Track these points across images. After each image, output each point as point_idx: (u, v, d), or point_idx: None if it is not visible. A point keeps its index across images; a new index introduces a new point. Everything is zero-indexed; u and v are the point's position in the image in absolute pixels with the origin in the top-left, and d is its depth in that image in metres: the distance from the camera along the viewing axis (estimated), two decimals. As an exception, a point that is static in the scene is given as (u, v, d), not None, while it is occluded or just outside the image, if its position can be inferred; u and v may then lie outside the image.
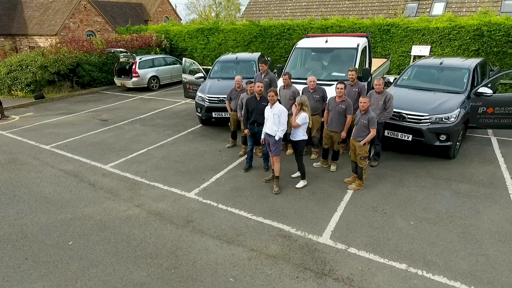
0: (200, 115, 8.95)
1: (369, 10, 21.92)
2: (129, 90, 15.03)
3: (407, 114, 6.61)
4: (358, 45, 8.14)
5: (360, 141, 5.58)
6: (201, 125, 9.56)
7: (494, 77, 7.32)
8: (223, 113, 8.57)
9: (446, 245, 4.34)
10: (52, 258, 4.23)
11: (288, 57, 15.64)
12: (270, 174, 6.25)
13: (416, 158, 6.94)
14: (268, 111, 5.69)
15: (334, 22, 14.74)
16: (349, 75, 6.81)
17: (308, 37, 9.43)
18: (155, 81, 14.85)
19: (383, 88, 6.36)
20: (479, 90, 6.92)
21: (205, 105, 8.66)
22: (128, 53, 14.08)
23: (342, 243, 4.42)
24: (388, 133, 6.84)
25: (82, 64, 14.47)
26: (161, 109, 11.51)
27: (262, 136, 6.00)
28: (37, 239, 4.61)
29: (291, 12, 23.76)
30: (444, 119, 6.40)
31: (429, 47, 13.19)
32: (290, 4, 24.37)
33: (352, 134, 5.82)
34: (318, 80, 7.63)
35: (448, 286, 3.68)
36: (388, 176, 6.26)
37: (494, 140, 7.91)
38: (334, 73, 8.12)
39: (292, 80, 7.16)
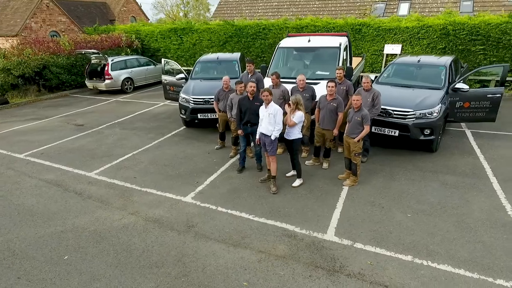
0: (184, 116, 8.73)
1: (338, 11, 22.49)
2: (101, 93, 14.38)
3: (393, 110, 6.84)
4: (340, 44, 8.32)
5: (354, 138, 5.69)
6: (184, 127, 9.34)
7: (469, 73, 7.76)
8: (209, 114, 8.42)
9: (444, 234, 4.54)
10: (48, 275, 3.93)
11: (264, 56, 15.86)
12: (264, 174, 6.22)
13: (402, 153, 7.20)
14: (263, 111, 5.66)
15: (308, 22, 14.97)
16: (337, 73, 6.93)
17: (290, 36, 9.49)
18: (129, 83, 14.31)
19: (371, 86, 6.54)
20: (456, 86, 7.31)
21: (190, 107, 8.46)
22: (100, 54, 13.46)
23: (347, 239, 4.48)
24: (375, 129, 7.03)
25: (49, 67, 13.62)
26: (139, 112, 11.11)
27: (257, 136, 5.97)
28: (27, 255, 4.27)
29: (263, 12, 23.84)
30: (427, 114, 6.69)
31: (400, 45, 13.76)
32: (261, 4, 24.45)
33: (345, 132, 5.93)
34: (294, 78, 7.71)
35: (453, 274, 3.84)
36: (379, 171, 6.45)
37: (468, 133, 8.39)
38: (318, 72, 8.24)
39: (282, 81, 7.23)
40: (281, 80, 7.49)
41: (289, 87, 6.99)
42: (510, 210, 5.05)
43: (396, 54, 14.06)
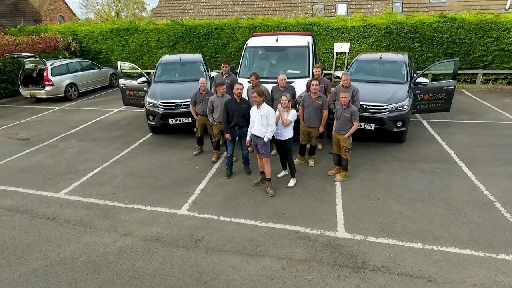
0: (153, 123, 8.12)
1: (282, 10, 23.05)
2: (41, 101, 12.75)
3: (368, 105, 7.16)
4: (308, 43, 8.48)
5: (344, 134, 5.82)
6: (151, 134, 8.70)
7: (427, 68, 8.46)
8: (181, 119, 7.96)
9: (441, 219, 4.86)
10: (47, 321, 3.32)
11: (218, 57, 15.55)
12: (254, 178, 6.07)
13: (376, 145, 7.59)
14: (254, 113, 5.49)
15: (260, 21, 15.03)
16: (316, 71, 7.04)
17: (254, 36, 9.39)
18: (73, 89, 12.92)
19: (349, 83, 6.76)
20: (417, 80, 7.93)
21: (160, 112, 7.90)
22: (37, 58, 11.90)
23: (359, 234, 4.56)
24: None
25: (-30, 74, 11.69)
26: (94, 120, 10.08)
27: (248, 138, 5.79)
28: (11, 301, 3.57)
29: (207, 12, 23.41)
30: (399, 108, 7.14)
31: (348, 44, 14.55)
32: (204, 3, 23.98)
33: (334, 128, 6.04)
34: (273, 78, 7.71)
35: (463, 255, 4.12)
36: (362, 164, 6.70)
37: (425, 123, 9.18)
38: (289, 71, 8.29)
39: (249, 80, 7.14)
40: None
41: (273, 86, 6.92)
42: (485, 190, 5.61)
43: (345, 52, 14.88)
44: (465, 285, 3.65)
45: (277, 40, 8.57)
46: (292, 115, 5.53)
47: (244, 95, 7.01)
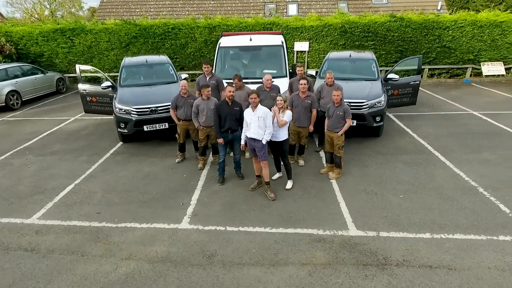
0: (125, 131, 7.44)
1: (234, 10, 22.89)
2: (-27, 113, 11.04)
3: (350, 102, 7.31)
4: (282, 42, 8.45)
5: (337, 132, 5.86)
6: (121, 143, 7.99)
7: (396, 65, 8.91)
8: (157, 125, 7.40)
9: (438, 207, 5.11)
10: None
11: (176, 58, 14.89)
12: (250, 182, 5.87)
13: (356, 140, 7.79)
14: (250, 115, 5.27)
15: (219, 21, 14.71)
16: (298, 70, 7.01)
17: (224, 35, 9.10)
18: (15, 97, 11.38)
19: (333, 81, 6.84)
20: (388, 76, 8.32)
21: (134, 119, 7.26)
22: (-32, 63, 10.28)
23: (370, 230, 4.60)
24: None
25: None
26: (48, 132, 8.97)
27: (243, 142, 5.55)
28: None
29: (155, 11, 22.39)
30: (377, 103, 7.41)
31: (307, 43, 14.88)
32: (152, 3, 22.88)
33: (327, 127, 6.05)
34: (252, 78, 7.59)
35: (469, 240, 4.35)
36: (349, 160, 6.82)
37: (392, 117, 9.69)
38: (265, 71, 8.18)
39: (226, 81, 6.94)
40: (228, 81, 7.15)
41: (258, 87, 6.74)
42: (465, 176, 6.04)
43: (305, 51, 15.19)
44: (481, 269, 3.85)
45: (250, 40, 8.40)
46: (287, 115, 5.42)
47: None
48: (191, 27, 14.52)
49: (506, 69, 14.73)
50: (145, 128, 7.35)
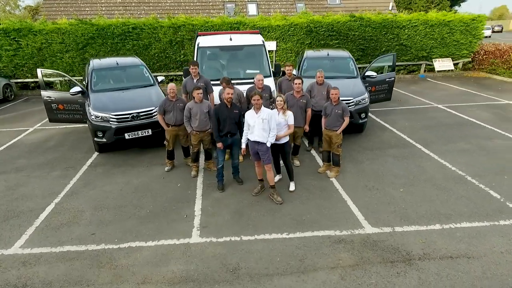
0: (104, 140, 6.79)
1: (193, 9, 22.31)
2: None
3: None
4: (263, 42, 8.30)
5: (336, 131, 5.87)
6: (97, 153, 7.29)
7: (373, 62, 9.19)
8: (139, 132, 6.87)
9: (438, 198, 5.33)
10: None
11: (142, 59, 14.01)
12: (251, 186, 5.67)
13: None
14: (253, 117, 5.06)
15: (184, 20, 14.18)
16: (287, 70, 6.92)
17: (201, 35, 8.72)
18: (-45, 107, 9.93)
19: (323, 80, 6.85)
20: (366, 74, 8.57)
21: (114, 126, 6.65)
22: None
23: (385, 226, 4.64)
24: None
25: None
26: (5, 145, 7.91)
27: (244, 145, 5.33)
28: None
29: (107, 10, 21.03)
30: (361, 101, 7.59)
31: (275, 42, 14.86)
32: (103, 1, 21.43)
33: (324, 125, 6.03)
34: (236, 79, 7.38)
35: (476, 227, 4.57)
36: (341, 157, 6.88)
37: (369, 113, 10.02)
38: (248, 71, 8.00)
39: (212, 83, 6.70)
40: (214, 82, 6.88)
41: (249, 88, 6.54)
42: (451, 166, 6.40)
43: (273, 50, 15.18)
44: (496, 254, 4.06)
45: (231, 39, 8.13)
46: (291, 116, 5.31)
47: (216, 100, 6.51)
48: (154, 26, 13.81)
49: (454, 64, 16.05)
50: (126, 136, 6.78)
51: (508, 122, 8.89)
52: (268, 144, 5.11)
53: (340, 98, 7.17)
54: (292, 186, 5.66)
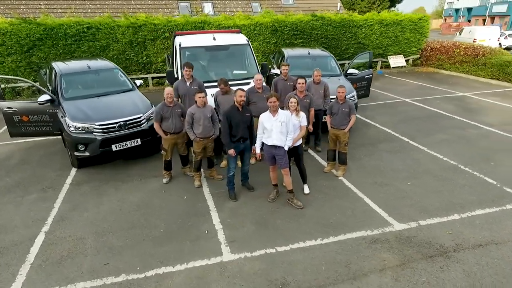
0: (86, 153, 5.98)
1: (143, 8, 21.16)
2: None
3: (331, 99, 7.39)
4: (248, 41, 8.04)
5: (344, 129, 5.84)
6: (75, 169, 6.43)
7: (353, 60, 9.39)
8: (128, 143, 6.19)
9: (444, 189, 5.56)
10: None
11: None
12: (267, 192, 5.40)
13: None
14: (270, 120, 4.81)
15: (144, 20, 13.24)
16: (283, 69, 6.74)
17: (179, 35, 8.17)
18: None
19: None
20: (349, 71, 8.74)
21: (99, 138, 5.90)
22: None
23: (410, 221, 4.71)
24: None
25: None
26: (-47, 168, 6.62)
27: (258, 151, 5.07)
28: None
29: (47, 8, 18.98)
30: (351, 98, 7.69)
31: (242, 42, 14.62)
32: (41, -3, 19.30)
33: (330, 125, 5.97)
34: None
35: (489, 213, 4.85)
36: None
37: (345, 109, 10.25)
38: (235, 72, 7.68)
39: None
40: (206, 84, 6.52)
41: (212, 91, 6.22)
42: (442, 156, 6.76)
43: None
44: (517, 237, 4.32)
45: (214, 39, 7.73)
46: (304, 118, 5.15)
47: (212, 103, 6.11)
48: (111, 26, 12.70)
49: (406, 60, 17.23)
50: (113, 147, 6.06)
51: (471, 112, 9.70)
52: (286, 148, 4.91)
53: (333, 96, 7.31)
54: (306, 189, 5.51)
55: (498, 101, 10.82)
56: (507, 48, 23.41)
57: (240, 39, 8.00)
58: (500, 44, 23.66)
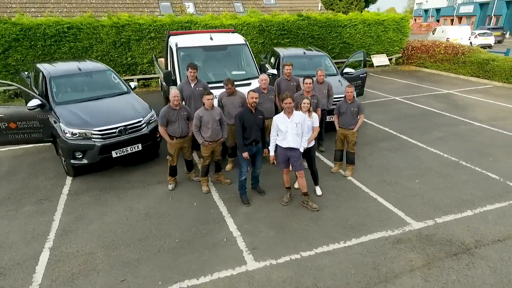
0: (85, 161, 5.62)
1: (123, 8, 20.50)
2: None
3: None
4: (245, 41, 7.89)
5: (352, 129, 5.81)
6: (71, 178, 6.04)
7: (348, 59, 9.40)
8: (128, 148, 5.88)
9: (450, 185, 5.64)
10: None
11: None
12: (279, 195, 5.28)
13: (329, 134, 7.82)
14: (285, 122, 4.69)
15: (128, 19, 12.74)
16: (287, 70, 6.62)
17: (173, 34, 7.89)
18: None
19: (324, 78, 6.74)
20: (345, 70, 8.76)
21: (98, 144, 5.55)
22: None
23: (426, 220, 4.73)
24: (329, 118, 7.15)
25: None
26: None
27: (271, 154, 4.94)
28: None
29: (22, 8, 17.95)
30: (350, 97, 7.70)
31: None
32: (12, -4, 18.24)
33: (338, 124, 5.93)
34: (221, 82, 6.91)
35: (499, 208, 4.95)
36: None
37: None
38: (234, 72, 7.50)
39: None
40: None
41: (216, 92, 6.08)
42: (442, 153, 6.89)
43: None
44: (531, 231, 4.43)
45: (211, 39, 7.52)
46: (316, 118, 5.07)
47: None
48: (94, 26, 12.14)
49: (389, 59, 17.61)
50: (113, 154, 5.73)
51: (458, 109, 10.00)
52: (302, 150, 4.81)
53: (335, 96, 7.30)
54: (318, 191, 5.43)
55: (481, 98, 11.23)
56: (483, 47, 24.52)
57: (237, 39, 7.84)
58: (471, 43, 24.68)
